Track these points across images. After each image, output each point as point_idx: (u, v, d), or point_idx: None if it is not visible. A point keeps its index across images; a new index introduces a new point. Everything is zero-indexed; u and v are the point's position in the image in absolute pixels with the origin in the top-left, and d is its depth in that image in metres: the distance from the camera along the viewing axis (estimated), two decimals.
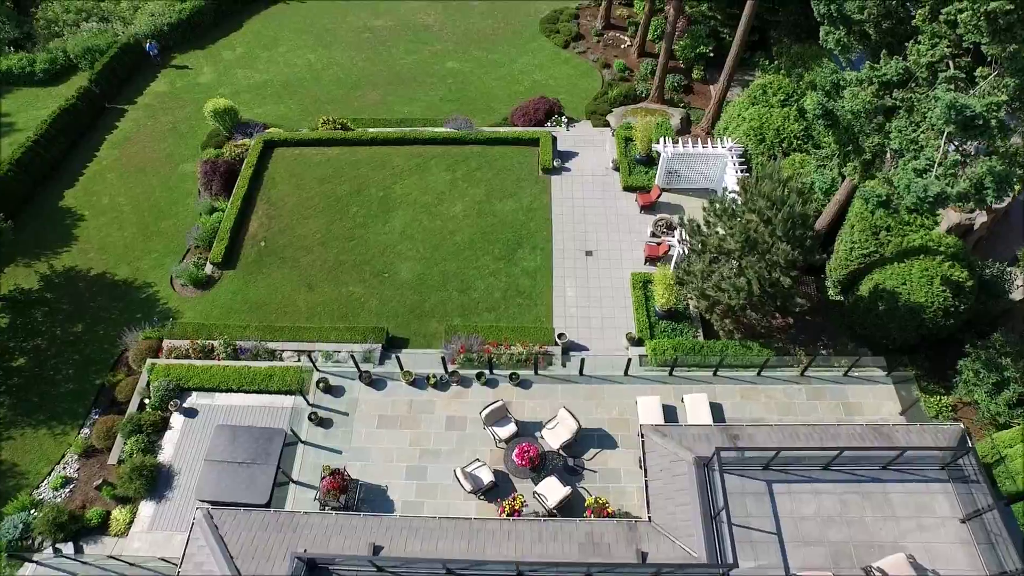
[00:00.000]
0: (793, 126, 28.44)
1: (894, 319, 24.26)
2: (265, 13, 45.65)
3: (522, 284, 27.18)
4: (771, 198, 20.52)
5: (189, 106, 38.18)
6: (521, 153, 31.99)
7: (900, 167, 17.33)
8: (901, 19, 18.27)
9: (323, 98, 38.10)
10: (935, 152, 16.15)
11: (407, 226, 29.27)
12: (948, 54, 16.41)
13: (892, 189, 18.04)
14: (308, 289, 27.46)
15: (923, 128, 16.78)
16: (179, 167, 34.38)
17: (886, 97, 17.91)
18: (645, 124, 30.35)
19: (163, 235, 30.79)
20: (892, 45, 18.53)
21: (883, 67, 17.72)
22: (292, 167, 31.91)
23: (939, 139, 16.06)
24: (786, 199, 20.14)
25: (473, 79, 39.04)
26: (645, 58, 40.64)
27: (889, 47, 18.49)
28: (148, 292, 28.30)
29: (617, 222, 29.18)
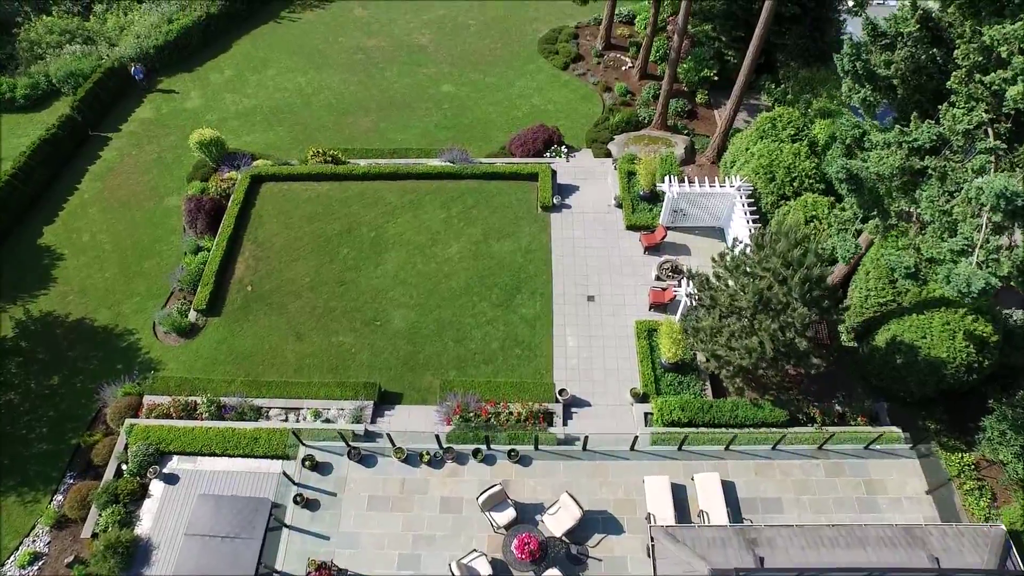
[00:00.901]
0: (804, 163, 27.13)
1: (912, 373, 23.03)
2: (255, 33, 44.24)
3: (521, 333, 25.87)
4: (787, 259, 19.21)
5: (175, 134, 36.81)
6: (519, 188, 30.65)
7: (930, 235, 16.02)
8: (931, 75, 16.93)
9: (313, 125, 36.73)
10: (973, 231, 14.83)
11: (400, 269, 27.93)
12: (986, 120, 15.08)
13: (920, 256, 16.72)
14: (296, 339, 26.13)
15: (958, 200, 15.46)
16: (164, 200, 33.00)
17: (914, 158, 16.56)
18: (648, 160, 29.01)
19: (146, 276, 29.44)
20: (921, 103, 17.20)
21: (914, 131, 16.39)
22: (280, 204, 30.55)
23: (978, 217, 14.73)
24: (803, 260, 18.82)
25: (469, 104, 37.68)
26: (647, 80, 39.34)
27: (918, 104, 17.16)
28: (129, 340, 26.96)
29: (620, 264, 27.86)
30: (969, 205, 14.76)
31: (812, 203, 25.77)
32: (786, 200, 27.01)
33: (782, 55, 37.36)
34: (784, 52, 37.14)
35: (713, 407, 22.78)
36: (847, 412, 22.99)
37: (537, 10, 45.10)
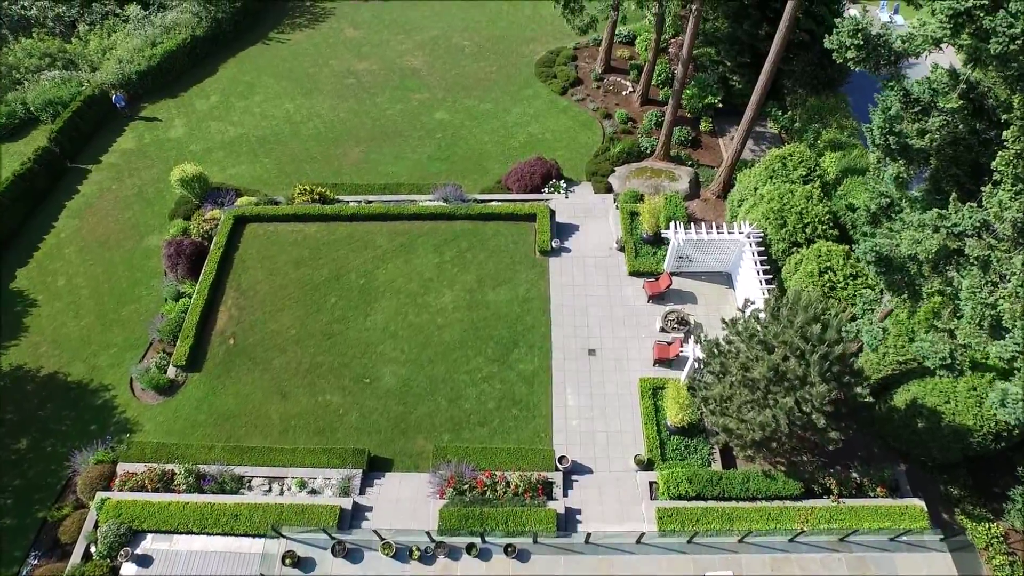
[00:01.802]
0: (817, 208, 25.68)
1: (935, 439, 21.66)
2: (242, 55, 42.68)
3: (518, 392, 24.44)
4: (806, 334, 17.77)
5: (157, 166, 35.29)
6: (516, 230, 29.19)
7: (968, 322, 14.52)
8: (970, 146, 15.45)
9: (301, 156, 35.22)
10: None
11: (390, 321, 26.47)
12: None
13: (955, 343, 15.25)
14: (281, 398, 24.69)
15: (1004, 295, 13.95)
16: (144, 240, 31.52)
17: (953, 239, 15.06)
18: (652, 203, 27.55)
19: (124, 324, 27.95)
20: (958, 176, 15.71)
21: (953, 215, 14.89)
22: (265, 248, 29.06)
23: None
24: (824, 337, 17.38)
25: (464, 133, 36.17)
26: (649, 106, 37.87)
27: (955, 178, 15.67)
28: (105, 397, 25.51)
29: (623, 314, 26.42)
30: (1019, 301, 13.28)
31: (826, 252, 24.32)
32: (798, 247, 25.54)
33: (789, 81, 35.91)
34: (791, 79, 35.70)
35: (723, 480, 21.39)
36: (865, 482, 21.55)
37: (534, 30, 43.58)
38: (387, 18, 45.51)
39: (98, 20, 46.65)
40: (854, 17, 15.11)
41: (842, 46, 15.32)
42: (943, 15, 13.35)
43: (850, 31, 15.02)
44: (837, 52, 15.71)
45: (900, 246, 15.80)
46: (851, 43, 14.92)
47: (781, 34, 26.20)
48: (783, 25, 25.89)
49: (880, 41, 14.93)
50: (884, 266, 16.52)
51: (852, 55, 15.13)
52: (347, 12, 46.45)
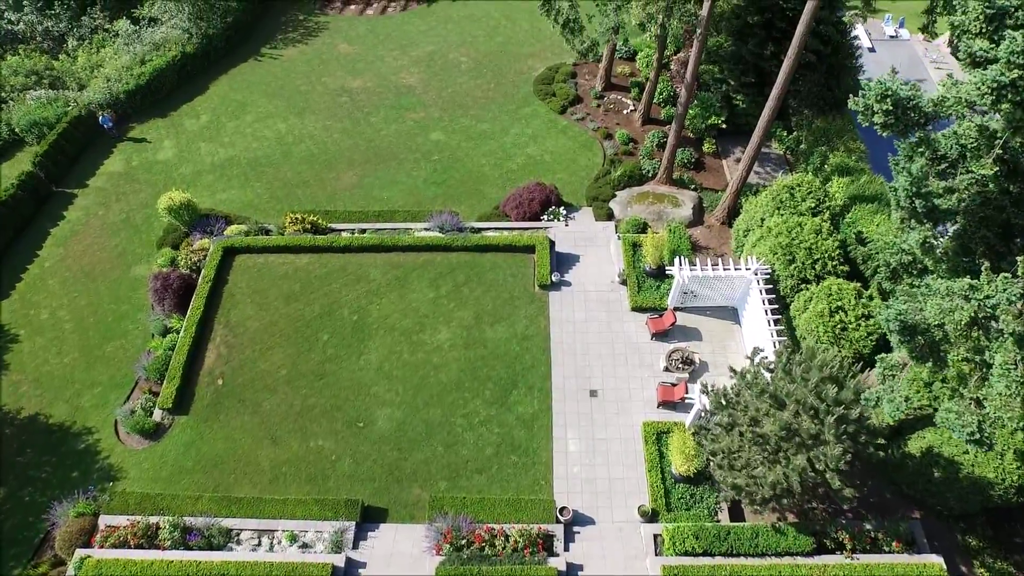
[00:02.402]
0: (827, 243, 24.76)
1: (952, 490, 20.78)
2: (233, 72, 41.64)
3: (517, 436, 23.51)
4: (820, 393, 16.84)
5: (146, 190, 34.29)
6: (515, 262, 28.24)
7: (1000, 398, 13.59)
8: (1001, 206, 14.50)
9: (293, 180, 34.22)
10: None
11: (384, 360, 25.52)
12: None
13: (983, 414, 14.32)
14: (271, 442, 23.76)
15: None
16: (132, 270, 30.54)
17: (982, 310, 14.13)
18: (656, 239, 26.63)
19: (109, 362, 26.98)
20: (988, 239, 14.73)
21: (986, 287, 13.92)
22: (255, 281, 28.09)
23: None
24: (841, 399, 16.45)
25: (460, 155, 35.19)
26: (650, 126, 36.92)
27: (985, 240, 14.71)
28: (88, 441, 24.55)
29: (625, 352, 25.49)
30: None
31: (837, 291, 23.39)
32: (807, 284, 24.61)
33: (795, 101, 34.98)
34: (797, 99, 34.76)
35: (731, 535, 20.49)
36: (880, 536, 20.65)
37: (533, 45, 42.57)
38: (382, 33, 44.49)
39: (87, 34, 45.60)
40: (882, 81, 14.10)
41: (868, 110, 14.34)
42: (985, 86, 12.40)
43: (878, 95, 14.05)
44: (863, 115, 14.73)
45: (925, 311, 14.84)
46: (879, 108, 13.93)
47: (790, 61, 25.29)
48: (792, 52, 25.00)
49: (910, 105, 13.95)
50: (908, 333, 15.56)
51: (880, 120, 14.15)
52: (341, 26, 45.42)
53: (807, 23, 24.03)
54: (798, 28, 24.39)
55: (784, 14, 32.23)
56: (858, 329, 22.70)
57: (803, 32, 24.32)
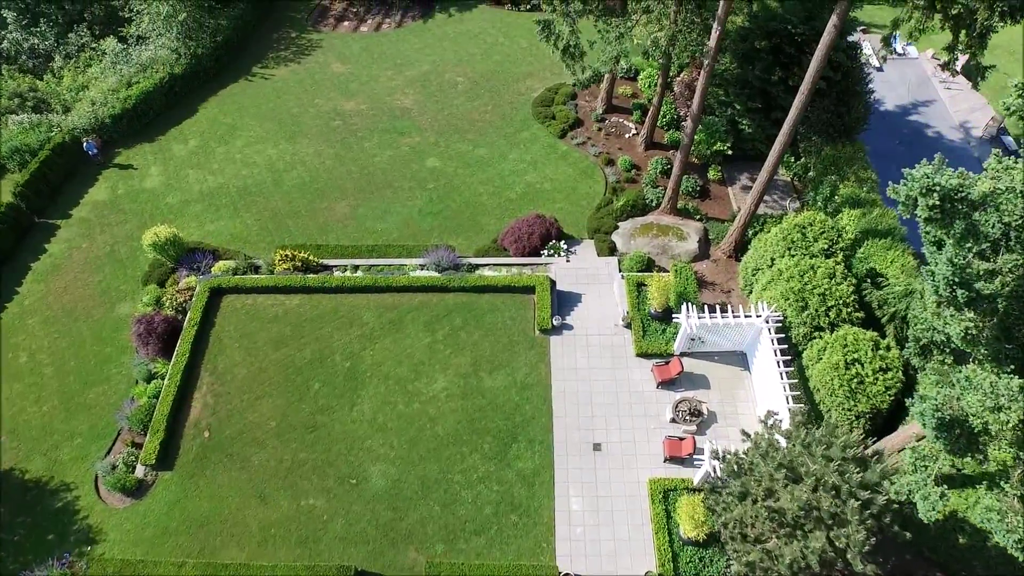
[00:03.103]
0: (841, 288, 23.64)
1: (980, 557, 19.65)
2: (223, 94, 40.39)
3: (517, 495, 22.40)
4: (843, 472, 15.73)
5: (131, 220, 33.10)
6: (514, 304, 27.09)
7: None
8: None
9: (284, 210, 33.02)
10: None
11: (378, 411, 24.39)
12: None
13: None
14: (260, 501, 22.63)
15: None
16: (116, 308, 29.37)
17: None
18: (661, 282, 25.47)
19: (90, 410, 25.84)
20: None
21: None
22: (243, 324, 26.92)
23: None
24: (866, 482, 15.32)
25: (457, 183, 34.01)
26: (653, 151, 35.78)
27: None
28: (66, 499, 23.40)
29: (630, 402, 24.38)
30: None
31: (852, 341, 22.26)
32: (820, 331, 23.49)
33: (803, 127, 33.76)
34: (806, 124, 33.54)
35: None
36: None
37: (531, 64, 41.36)
38: (376, 51, 43.26)
39: (74, 52, 44.32)
40: (928, 175, 12.82)
41: (909, 201, 13.12)
42: None
43: (922, 189, 12.77)
44: (903, 207, 13.50)
45: (964, 403, 13.66)
46: (924, 203, 12.68)
47: (802, 97, 24.25)
48: (804, 87, 23.94)
49: (958, 196, 12.72)
50: (945, 429, 14.40)
51: (924, 215, 12.94)
52: (335, 44, 44.19)
53: (822, 58, 22.93)
54: (812, 63, 23.27)
55: (793, 39, 31.09)
56: (876, 383, 21.58)
57: (816, 69, 23.24)
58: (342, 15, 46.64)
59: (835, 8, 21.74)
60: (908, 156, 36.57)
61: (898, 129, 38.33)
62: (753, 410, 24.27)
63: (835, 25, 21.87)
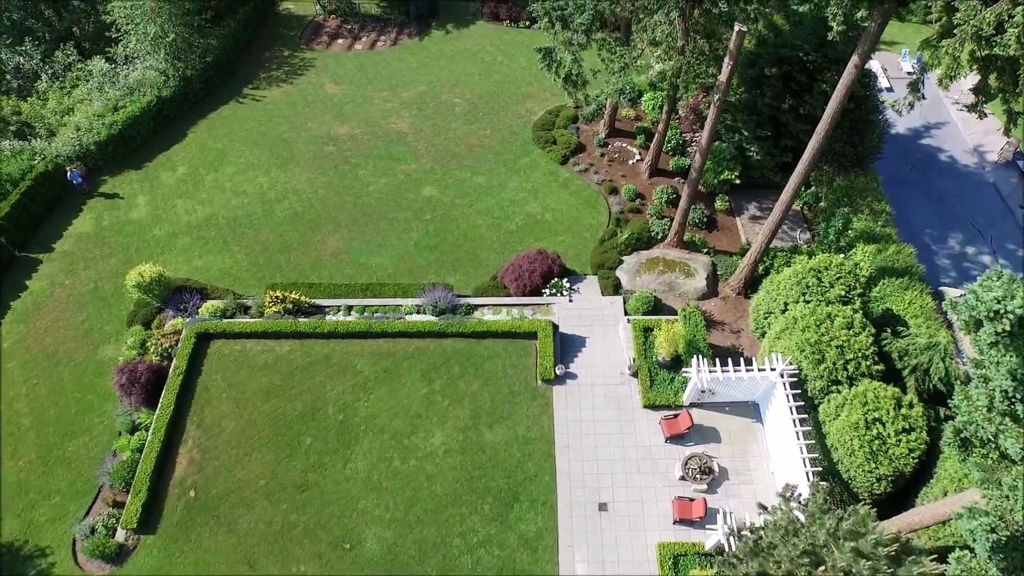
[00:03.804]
0: (860, 338, 22.40)
1: None
2: (213, 117, 39.09)
3: (520, 560, 21.20)
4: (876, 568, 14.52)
5: (117, 255, 31.83)
6: (515, 351, 25.88)
7: None
8: None
9: (275, 244, 31.76)
10: None
11: (373, 468, 23.17)
12: None
13: None
14: (248, 568, 21.45)
15: None
16: (99, 351, 28.11)
17: None
18: (670, 332, 24.25)
19: (70, 464, 24.60)
20: None
21: None
22: (232, 372, 25.67)
23: None
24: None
25: (455, 213, 32.75)
26: (658, 178, 34.59)
27: None
28: (40, 566, 22.25)
29: (637, 458, 23.17)
30: None
31: (873, 398, 21.05)
32: (838, 384, 22.27)
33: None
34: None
35: None
36: None
37: (531, 85, 40.08)
38: (371, 71, 41.97)
39: (60, 72, 42.95)
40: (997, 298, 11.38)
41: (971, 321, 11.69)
42: None
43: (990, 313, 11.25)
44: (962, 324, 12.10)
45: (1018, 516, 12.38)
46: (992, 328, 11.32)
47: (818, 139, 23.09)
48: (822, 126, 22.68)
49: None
50: (1003, 551, 13.11)
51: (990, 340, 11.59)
52: (328, 64, 42.89)
53: (840, 99, 21.77)
54: (830, 104, 22.08)
55: (804, 67, 29.86)
56: (899, 445, 20.38)
57: (835, 110, 22.06)
58: (336, 32, 45.33)
59: (856, 49, 20.48)
60: (922, 182, 35.48)
61: (910, 153, 37.12)
62: (767, 466, 23.09)
63: (856, 65, 20.64)
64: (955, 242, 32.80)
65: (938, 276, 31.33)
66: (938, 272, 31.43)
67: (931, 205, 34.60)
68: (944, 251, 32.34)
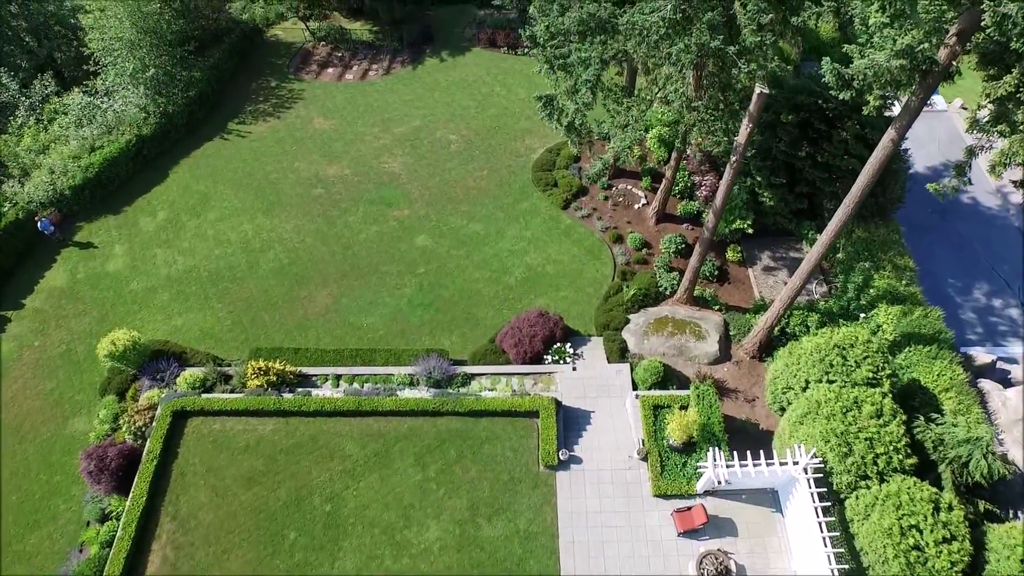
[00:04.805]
0: (892, 428, 20.57)
1: None
2: (196, 155, 37.20)
3: None
4: None
5: (91, 312, 29.99)
6: (515, 431, 24.07)
7: None
8: None
9: (260, 301, 29.88)
10: None
11: (363, 568, 21.46)
12: None
13: None
14: None
15: None
16: (68, 424, 26.31)
17: None
18: (682, 420, 22.40)
19: (31, 560, 22.94)
20: None
21: None
22: (210, 455, 23.82)
23: None
24: None
25: (450, 267, 30.88)
26: (666, 224, 32.76)
27: None
28: None
29: (648, 554, 21.38)
30: None
31: (908, 500, 19.24)
32: (866, 480, 20.43)
33: (831, 203, 30.63)
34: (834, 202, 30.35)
35: None
36: None
37: (530, 120, 38.16)
38: (362, 104, 40.04)
39: (38, 103, 40.84)
40: None
41: None
42: None
43: None
44: None
45: None
46: None
47: (846, 210, 21.19)
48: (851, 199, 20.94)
49: None
50: None
51: None
52: (317, 95, 40.94)
53: (873, 173, 19.92)
54: (861, 178, 20.26)
55: (823, 114, 28.02)
56: (939, 557, 18.55)
57: (866, 185, 20.21)
58: (326, 61, 43.35)
59: (894, 123, 18.61)
60: (943, 226, 33.68)
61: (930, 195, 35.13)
62: (788, 563, 21.31)
63: (892, 140, 18.83)
64: (980, 293, 30.98)
65: (963, 331, 29.55)
66: (963, 327, 29.64)
67: (953, 252, 32.76)
68: (969, 304, 30.55)
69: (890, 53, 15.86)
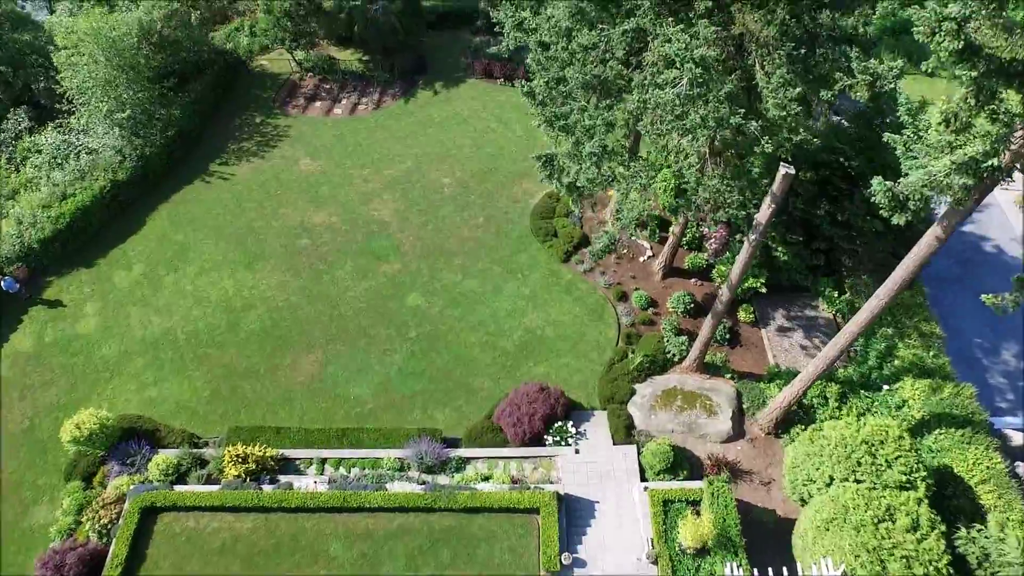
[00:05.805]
0: (930, 545, 18.62)
1: None
2: (176, 199, 35.21)
3: None
4: None
5: (60, 381, 28.04)
6: (514, 529, 22.12)
7: None
8: None
9: (240, 368, 27.91)
10: None
11: None
12: None
13: None
14: None
15: None
16: (28, 515, 24.43)
17: None
18: (696, 528, 20.44)
19: None
20: None
21: None
22: (182, 559, 21.88)
23: None
24: None
25: (444, 329, 28.91)
26: (673, 279, 30.82)
27: None
28: None
29: None
30: None
31: None
32: None
33: (851, 261, 28.81)
34: (854, 259, 28.57)
35: None
36: None
37: (528, 160, 35.63)
38: (351, 142, 37.99)
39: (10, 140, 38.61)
40: None
41: None
42: None
43: None
44: None
45: None
46: None
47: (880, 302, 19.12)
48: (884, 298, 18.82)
49: None
50: None
51: None
52: (304, 132, 38.89)
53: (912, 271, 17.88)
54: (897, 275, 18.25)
55: (845, 172, 26.06)
56: None
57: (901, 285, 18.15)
58: (314, 93, 41.27)
59: (941, 220, 16.66)
60: (966, 277, 31.78)
61: (951, 244, 33.20)
62: None
63: (938, 238, 16.90)
64: (1009, 355, 29.12)
65: (992, 398, 27.68)
66: (992, 394, 27.76)
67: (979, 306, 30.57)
68: (997, 367, 28.65)
69: (949, 166, 13.88)
